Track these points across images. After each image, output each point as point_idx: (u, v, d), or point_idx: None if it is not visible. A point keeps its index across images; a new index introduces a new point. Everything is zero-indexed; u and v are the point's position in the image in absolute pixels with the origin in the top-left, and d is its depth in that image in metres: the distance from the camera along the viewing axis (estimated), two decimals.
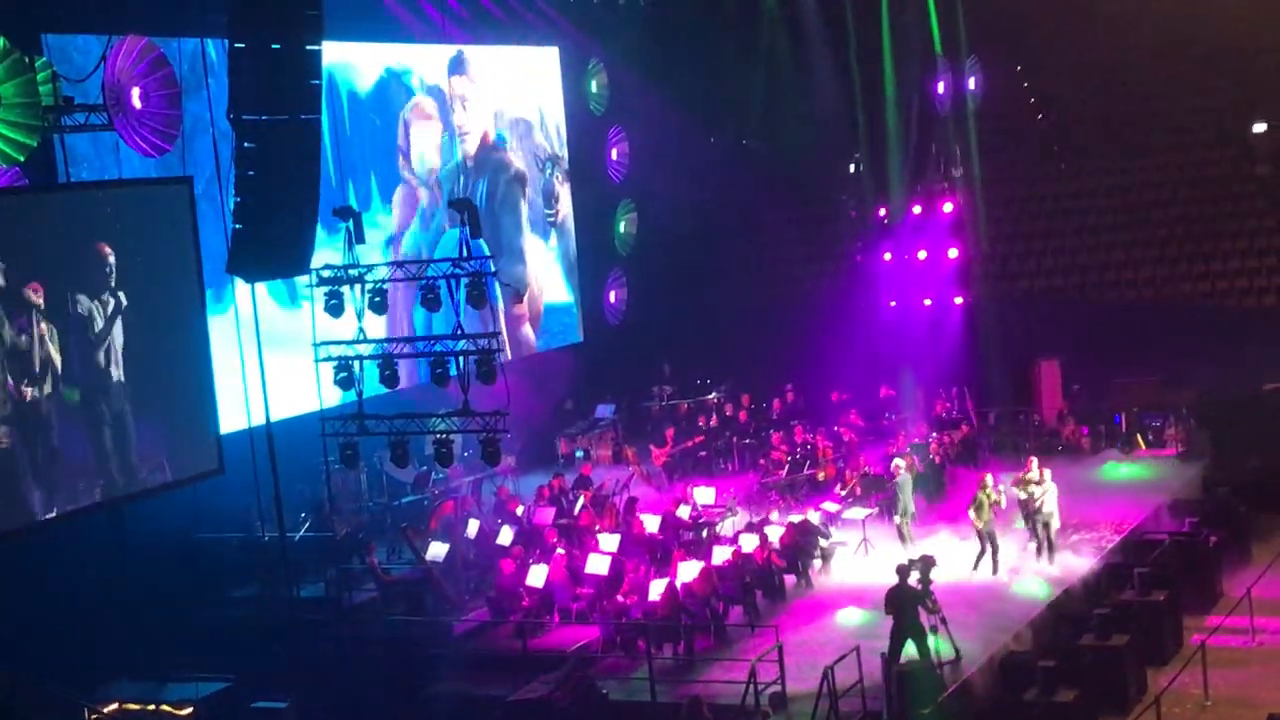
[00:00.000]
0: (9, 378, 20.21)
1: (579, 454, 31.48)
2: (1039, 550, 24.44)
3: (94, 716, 19.87)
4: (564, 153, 35.43)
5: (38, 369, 20.75)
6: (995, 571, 23.98)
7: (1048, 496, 24.51)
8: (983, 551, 24.08)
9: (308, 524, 25.16)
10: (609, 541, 24.18)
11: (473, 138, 32.44)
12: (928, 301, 35.89)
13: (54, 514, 21.42)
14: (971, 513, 24.24)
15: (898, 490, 25.61)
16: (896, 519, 25.46)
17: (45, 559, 21.22)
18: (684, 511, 25.82)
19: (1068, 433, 31.72)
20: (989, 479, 24.51)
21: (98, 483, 21.99)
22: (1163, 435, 31.50)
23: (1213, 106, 38.40)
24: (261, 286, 23.32)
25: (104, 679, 21.09)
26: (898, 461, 26.50)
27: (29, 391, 20.67)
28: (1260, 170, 37.23)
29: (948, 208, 35.87)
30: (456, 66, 32.10)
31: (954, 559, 24.07)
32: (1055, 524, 24.61)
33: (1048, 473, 24.79)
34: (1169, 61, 38.71)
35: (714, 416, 32.92)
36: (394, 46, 30.51)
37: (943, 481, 28.33)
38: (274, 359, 23.27)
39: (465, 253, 22.39)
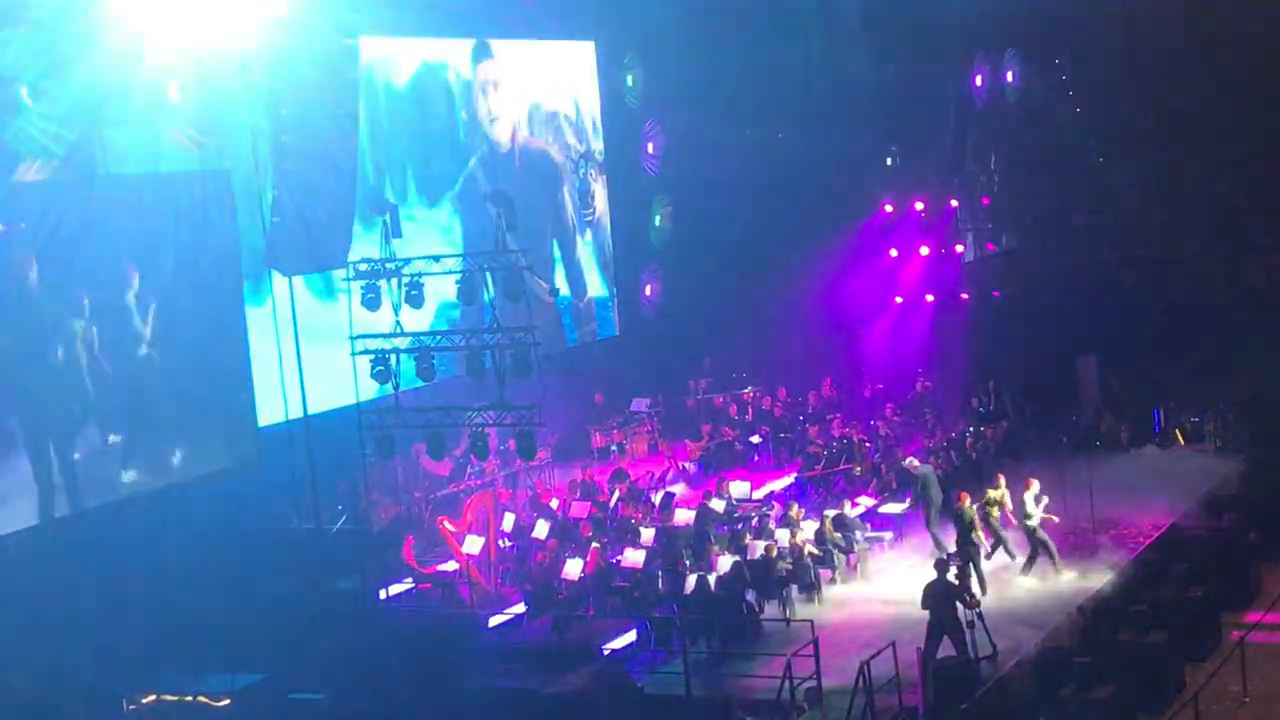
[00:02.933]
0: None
1: (614, 448, 31.49)
2: (1027, 565, 23.92)
3: (132, 707, 19.97)
4: (599, 145, 35.41)
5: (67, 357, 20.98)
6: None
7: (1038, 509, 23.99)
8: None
9: (344, 517, 25.23)
10: (645, 535, 24.20)
11: (503, 124, 32.44)
12: (964, 296, 35.81)
13: (95, 505, 21.62)
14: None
15: (923, 486, 25.48)
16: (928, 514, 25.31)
17: (83, 551, 21.34)
18: (718, 505, 25.81)
19: (1106, 428, 31.58)
20: (967, 499, 24.15)
21: (137, 474, 22.17)
22: (1201, 430, 31.38)
23: (1254, 97, 38.14)
24: (298, 279, 23.39)
25: (141, 670, 21.17)
26: (911, 460, 26.42)
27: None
28: None
29: (985, 202, 35.79)
30: (482, 52, 32.08)
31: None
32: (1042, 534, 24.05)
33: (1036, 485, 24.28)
34: (1209, 52, 38.50)
35: (750, 410, 32.88)
36: (431, 41, 30.53)
37: (979, 477, 28.21)
38: (311, 352, 23.34)
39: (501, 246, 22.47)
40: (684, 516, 25.32)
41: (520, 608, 23.49)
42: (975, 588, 21.87)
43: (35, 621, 19.99)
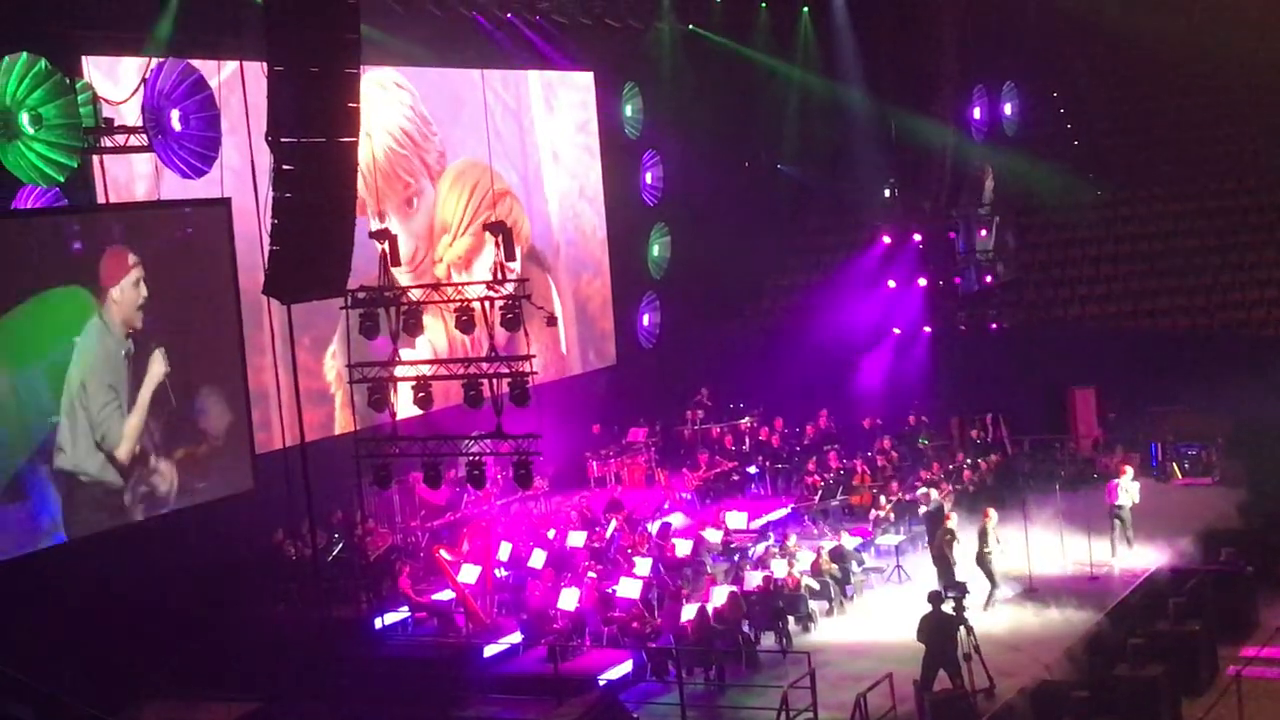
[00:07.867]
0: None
1: (611, 477, 31.47)
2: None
3: None
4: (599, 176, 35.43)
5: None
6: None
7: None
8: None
9: (340, 545, 25.19)
10: (642, 565, 24.16)
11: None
12: (962, 328, 35.82)
13: (89, 532, 21.58)
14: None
15: (931, 517, 25.48)
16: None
17: (76, 578, 21.29)
18: (715, 536, 25.77)
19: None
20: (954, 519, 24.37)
21: (132, 501, 22.13)
22: (1198, 464, 31.35)
23: (1246, 133, 38.32)
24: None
25: (134, 699, 21.11)
26: (929, 489, 26.38)
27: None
28: None
29: (982, 234, 35.82)
30: None
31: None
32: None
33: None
34: (1203, 88, 38.69)
35: (747, 441, 32.87)
36: (431, 71, 30.56)
37: (978, 508, 28.15)
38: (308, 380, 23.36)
39: (500, 275, 22.46)
40: (681, 547, 25.30)
41: (516, 637, 23.44)
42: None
43: (32, 647, 19.92)
